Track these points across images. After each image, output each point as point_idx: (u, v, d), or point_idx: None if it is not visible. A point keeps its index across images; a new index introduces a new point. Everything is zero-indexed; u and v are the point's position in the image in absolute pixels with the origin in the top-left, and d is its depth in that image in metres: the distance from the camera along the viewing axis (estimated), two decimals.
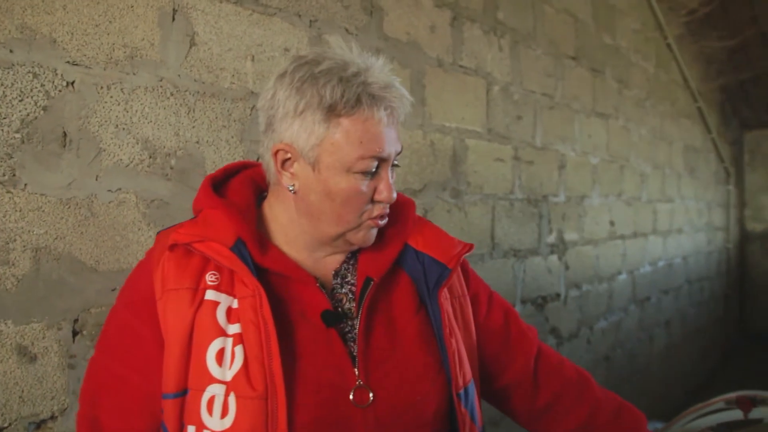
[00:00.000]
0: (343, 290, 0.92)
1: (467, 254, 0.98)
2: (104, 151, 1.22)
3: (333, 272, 0.93)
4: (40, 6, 1.13)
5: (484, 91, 2.37)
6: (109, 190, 1.23)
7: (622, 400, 1.13)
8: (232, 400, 0.79)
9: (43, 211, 1.14)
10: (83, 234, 1.20)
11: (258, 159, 1.16)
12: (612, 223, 3.48)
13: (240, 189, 0.93)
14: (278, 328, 0.82)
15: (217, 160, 1.42)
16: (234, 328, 0.82)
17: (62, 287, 1.16)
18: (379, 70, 0.86)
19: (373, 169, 0.85)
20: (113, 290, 1.24)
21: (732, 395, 1.48)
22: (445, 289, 0.95)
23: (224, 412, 0.78)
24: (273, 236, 0.92)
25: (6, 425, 1.10)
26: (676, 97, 4.53)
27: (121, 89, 1.24)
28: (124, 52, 1.25)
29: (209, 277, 0.83)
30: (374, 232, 0.91)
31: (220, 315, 0.82)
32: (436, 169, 2.13)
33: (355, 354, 0.87)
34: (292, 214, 0.90)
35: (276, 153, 0.87)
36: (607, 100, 3.39)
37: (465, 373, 0.94)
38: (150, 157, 1.30)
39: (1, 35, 1.08)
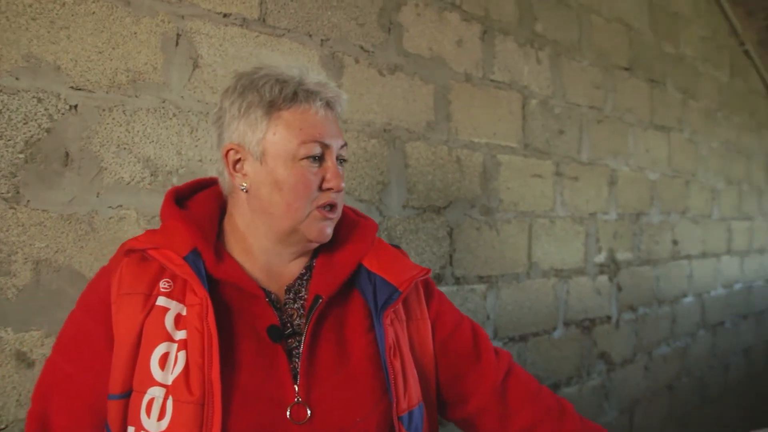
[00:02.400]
0: (295, 305, 0.94)
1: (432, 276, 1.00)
2: (105, 169, 1.29)
3: (286, 287, 0.95)
4: (46, 36, 1.22)
5: (519, 106, 2.31)
6: (110, 207, 1.30)
7: (603, 429, 1.07)
8: (169, 403, 0.81)
9: (45, 225, 1.22)
10: (83, 248, 1.27)
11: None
12: (675, 242, 3.27)
13: (204, 201, 0.98)
14: (224, 338, 0.85)
15: None
16: (180, 335, 0.85)
17: (61, 298, 1.24)
18: (315, 73, 0.95)
19: (317, 153, 0.91)
20: None
21: None
22: (393, 311, 0.96)
23: (161, 415, 0.81)
24: (231, 247, 0.95)
25: (3, 426, 1.17)
26: (756, 108, 4.21)
27: (123, 111, 1.32)
28: (127, 77, 1.32)
29: (163, 284, 0.87)
30: (328, 227, 0.94)
31: (169, 321, 0.85)
32: (464, 185, 2.09)
33: (298, 371, 0.88)
34: (247, 217, 0.94)
35: (227, 153, 0.93)
36: (668, 112, 3.21)
37: (410, 396, 0.92)
38: (151, 175, 1.36)
39: (7, 65, 1.18)
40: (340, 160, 0.96)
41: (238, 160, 0.93)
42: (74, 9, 1.25)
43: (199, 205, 0.97)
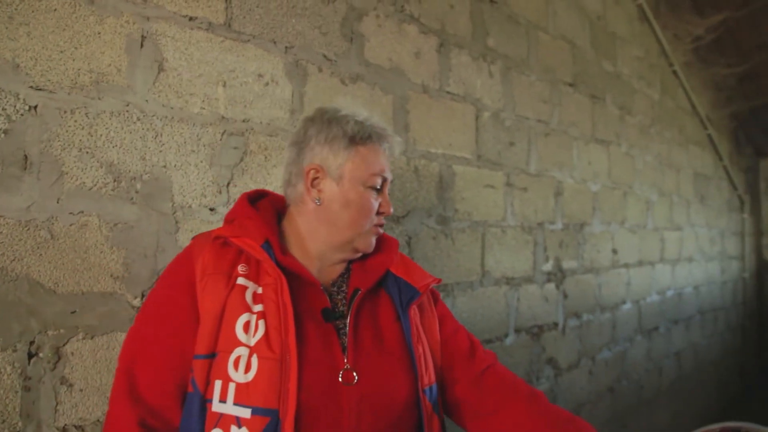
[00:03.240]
0: (339, 296, 1.15)
1: (437, 286, 1.17)
2: (66, 174, 1.24)
3: (331, 281, 1.16)
4: (4, 32, 1.16)
5: (473, 118, 2.37)
6: (71, 213, 1.24)
7: (574, 416, 1.18)
8: (254, 359, 0.99)
9: (1, 232, 1.15)
10: (42, 256, 1.20)
11: (228, 184, 1.17)
12: (615, 251, 3.42)
13: (268, 206, 1.18)
14: None
15: (185, 184, 1.42)
16: (258, 307, 1.03)
17: (18, 309, 1.17)
18: (378, 119, 1.16)
19: (379, 186, 1.14)
20: (73, 312, 1.24)
21: (716, 426, 1.43)
22: (415, 307, 1.17)
23: (247, 369, 0.99)
24: (290, 245, 1.15)
25: None
26: (684, 124, 4.48)
27: (86, 114, 1.26)
28: (90, 78, 1.27)
29: (241, 268, 1.06)
30: (374, 239, 1.17)
31: (248, 296, 1.03)
32: (421, 195, 2.12)
33: (345, 345, 1.07)
34: (312, 224, 1.14)
35: (308, 172, 1.12)
36: (608, 126, 3.37)
37: (430, 374, 1.13)
38: (114, 180, 1.31)
39: None
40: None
41: (316, 178, 1.12)
42: (35, 5, 1.20)
43: (266, 209, 1.17)
